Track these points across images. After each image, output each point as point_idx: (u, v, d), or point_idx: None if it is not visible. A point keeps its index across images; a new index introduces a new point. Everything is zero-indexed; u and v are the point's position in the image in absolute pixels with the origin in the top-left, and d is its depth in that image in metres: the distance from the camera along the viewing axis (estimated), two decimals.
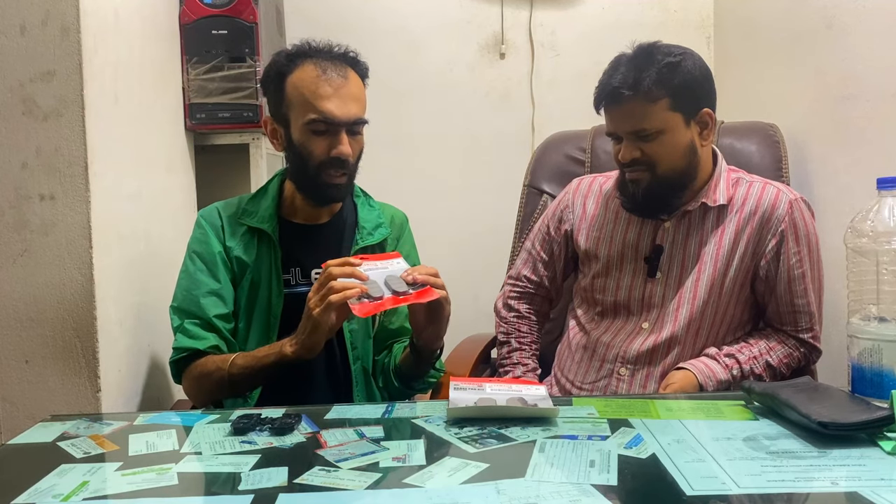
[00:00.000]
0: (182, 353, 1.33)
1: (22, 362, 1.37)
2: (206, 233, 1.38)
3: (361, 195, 1.48)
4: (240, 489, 0.82)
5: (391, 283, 1.19)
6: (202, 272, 1.36)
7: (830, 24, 1.75)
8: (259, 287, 1.36)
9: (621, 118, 1.36)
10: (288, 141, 1.34)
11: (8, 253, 1.36)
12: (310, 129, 1.30)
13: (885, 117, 1.57)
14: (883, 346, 1.01)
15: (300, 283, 1.37)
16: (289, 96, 1.32)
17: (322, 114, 1.28)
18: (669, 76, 1.32)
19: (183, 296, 1.36)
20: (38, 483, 0.85)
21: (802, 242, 1.39)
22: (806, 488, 0.80)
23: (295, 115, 1.31)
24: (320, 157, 1.31)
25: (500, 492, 0.79)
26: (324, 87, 1.29)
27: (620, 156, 1.38)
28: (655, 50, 1.35)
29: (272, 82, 1.35)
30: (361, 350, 1.39)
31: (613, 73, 1.35)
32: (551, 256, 1.59)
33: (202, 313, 1.34)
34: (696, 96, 1.37)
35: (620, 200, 1.47)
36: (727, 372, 1.36)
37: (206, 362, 1.31)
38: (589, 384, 1.45)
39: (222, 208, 1.42)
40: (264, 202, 1.40)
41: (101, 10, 1.43)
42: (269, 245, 1.37)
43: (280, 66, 1.33)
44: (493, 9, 2.44)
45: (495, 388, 1.15)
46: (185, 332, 1.33)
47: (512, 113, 2.45)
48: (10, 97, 1.33)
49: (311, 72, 1.31)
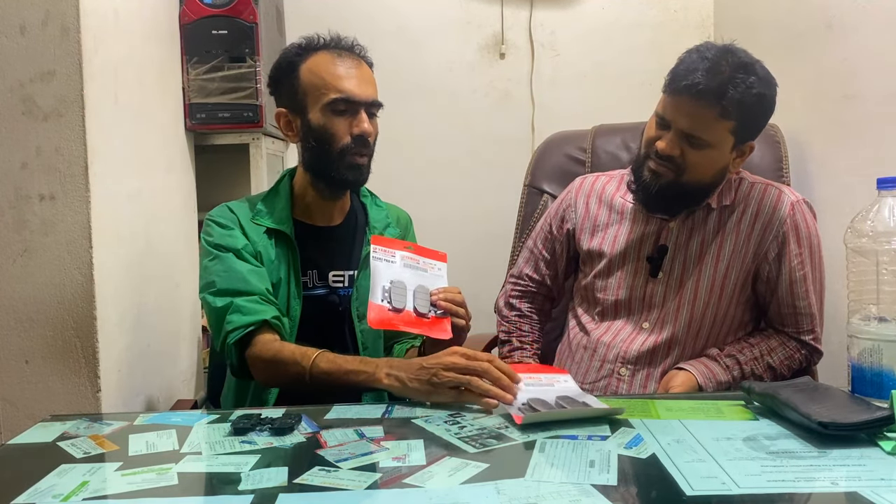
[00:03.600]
0: (247, 329, 1.22)
1: (22, 362, 1.37)
2: (227, 226, 1.33)
3: (369, 195, 1.48)
4: (240, 489, 0.82)
5: (418, 297, 1.18)
6: (234, 260, 1.28)
7: (830, 24, 1.75)
8: (279, 289, 1.32)
9: (685, 114, 1.31)
10: (306, 129, 1.33)
11: (8, 253, 1.36)
12: (330, 109, 1.30)
13: (885, 117, 1.57)
14: (883, 346, 1.01)
15: (317, 286, 1.36)
16: (304, 83, 1.32)
17: (343, 92, 1.29)
18: (749, 106, 1.29)
19: (223, 277, 1.27)
20: (38, 483, 0.85)
21: (804, 244, 1.39)
22: (806, 488, 0.80)
23: (313, 100, 1.31)
24: (342, 138, 1.30)
25: (500, 492, 0.79)
26: (341, 68, 1.31)
27: (660, 145, 1.34)
28: (751, 69, 1.29)
29: (284, 74, 1.34)
30: (373, 349, 1.39)
31: (698, 64, 1.29)
32: (553, 255, 1.59)
33: (253, 288, 1.25)
34: (755, 130, 1.36)
35: (626, 182, 1.46)
36: (728, 373, 1.36)
37: (282, 348, 1.22)
38: (589, 384, 1.45)
39: (235, 208, 1.37)
40: (278, 203, 1.37)
41: (101, 10, 1.43)
42: (287, 247, 1.34)
43: (291, 58, 1.34)
44: (493, 9, 2.44)
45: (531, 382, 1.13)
46: (239, 310, 1.23)
47: (512, 113, 2.45)
48: (10, 97, 1.33)
49: (326, 57, 1.32)
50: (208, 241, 1.33)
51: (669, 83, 1.33)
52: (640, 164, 1.41)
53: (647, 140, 1.39)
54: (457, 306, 1.24)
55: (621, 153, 1.80)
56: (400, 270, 1.23)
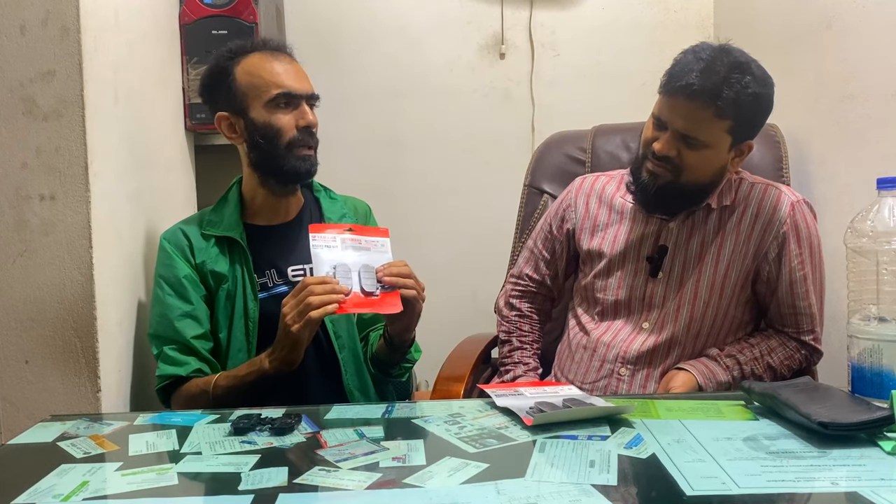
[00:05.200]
0: (165, 381, 1.36)
1: (22, 362, 1.37)
2: (171, 256, 1.40)
3: (322, 189, 1.51)
4: (240, 489, 0.82)
5: (364, 277, 1.19)
6: (171, 296, 1.38)
7: (830, 24, 1.75)
8: (235, 295, 1.37)
9: (681, 114, 1.31)
10: (251, 128, 1.37)
11: (8, 253, 1.35)
12: (273, 105, 1.34)
13: (885, 117, 1.57)
14: (883, 346, 1.01)
15: (277, 284, 1.39)
16: (242, 84, 1.36)
17: (283, 87, 1.34)
18: (745, 105, 1.29)
19: (157, 322, 1.39)
20: (38, 483, 0.85)
21: (804, 245, 1.39)
22: (806, 488, 0.80)
23: (253, 98, 1.35)
24: (288, 131, 1.35)
25: (500, 492, 0.79)
26: (277, 66, 1.36)
27: (657, 146, 1.34)
28: (747, 69, 1.29)
29: (218, 79, 1.39)
30: (347, 338, 1.41)
31: (693, 64, 1.29)
32: (553, 255, 1.59)
33: (179, 337, 1.36)
34: (754, 130, 1.36)
35: (625, 183, 1.46)
36: (727, 373, 1.36)
37: (191, 387, 1.34)
38: (589, 384, 1.45)
39: (185, 227, 1.43)
40: (227, 210, 1.42)
41: (101, 10, 1.43)
42: (239, 252, 1.39)
43: (223, 63, 1.38)
44: (493, 9, 2.44)
45: (535, 392, 1.14)
46: (165, 359, 1.36)
47: (512, 113, 2.45)
48: (10, 97, 1.33)
49: (259, 57, 1.37)
50: (155, 268, 1.43)
51: (665, 84, 1.33)
52: (639, 165, 1.41)
53: (645, 141, 1.39)
54: (403, 278, 1.22)
55: (621, 153, 1.80)
56: (342, 253, 1.23)
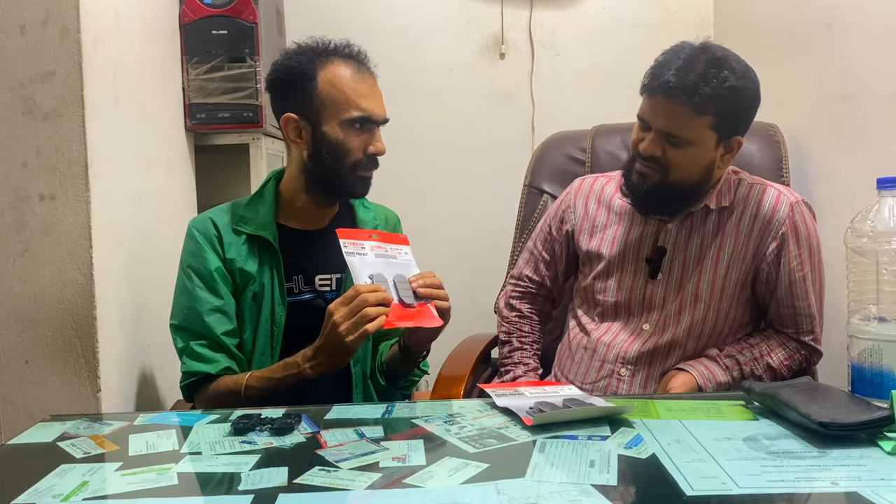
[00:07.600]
0: (192, 378, 1.30)
1: (22, 362, 1.37)
2: (201, 246, 1.34)
3: None
4: (240, 489, 0.82)
5: (400, 287, 1.17)
6: (201, 289, 1.32)
7: (830, 24, 1.75)
8: (262, 297, 1.33)
9: (661, 113, 1.32)
10: (319, 139, 1.31)
11: (8, 253, 1.36)
12: (349, 125, 1.30)
13: (885, 117, 1.57)
14: (883, 346, 1.01)
15: (304, 291, 1.36)
16: (323, 94, 1.30)
17: (364, 111, 1.30)
18: (726, 99, 1.28)
19: (184, 314, 1.32)
20: (38, 483, 0.85)
21: (804, 245, 1.39)
22: (806, 488, 0.80)
23: (331, 113, 1.30)
24: (356, 154, 1.32)
25: (500, 492, 0.79)
26: (363, 86, 1.32)
27: (643, 147, 1.35)
28: (724, 63, 1.29)
29: (299, 80, 1.31)
30: (361, 353, 1.38)
31: (672, 63, 1.29)
32: (553, 256, 1.59)
33: (209, 332, 1.30)
34: (739, 124, 1.35)
35: (620, 186, 1.46)
36: (727, 373, 1.36)
37: (219, 385, 1.29)
38: (589, 384, 1.45)
39: (216, 217, 1.37)
40: (262, 208, 1.36)
41: (101, 10, 1.43)
42: (270, 253, 1.34)
43: (306, 64, 1.31)
44: (493, 9, 2.44)
45: (535, 392, 1.14)
46: (192, 355, 1.30)
47: (512, 113, 2.45)
48: (10, 97, 1.33)
49: (345, 69, 1.31)
50: (183, 256, 1.37)
51: (646, 84, 1.34)
52: (629, 167, 1.42)
53: (632, 143, 1.40)
54: (436, 289, 1.21)
55: (621, 153, 1.80)
56: (374, 262, 1.21)
